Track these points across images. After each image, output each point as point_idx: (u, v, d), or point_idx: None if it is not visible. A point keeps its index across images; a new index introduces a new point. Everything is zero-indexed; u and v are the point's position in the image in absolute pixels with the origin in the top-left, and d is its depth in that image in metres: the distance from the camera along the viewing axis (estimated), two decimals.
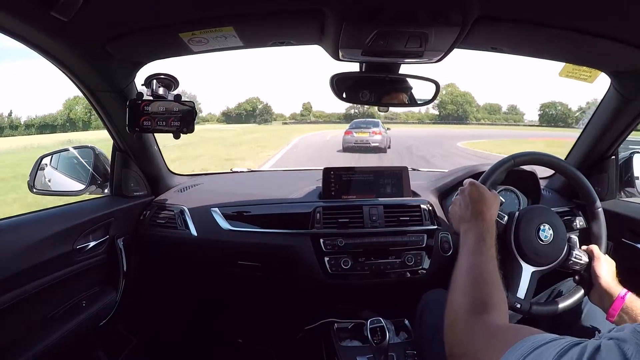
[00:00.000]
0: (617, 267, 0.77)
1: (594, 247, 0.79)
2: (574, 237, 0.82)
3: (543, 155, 0.87)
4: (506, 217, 0.81)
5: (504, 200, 0.77)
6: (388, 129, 12.07)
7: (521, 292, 0.77)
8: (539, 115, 65.52)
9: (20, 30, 0.69)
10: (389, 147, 11.95)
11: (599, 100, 1.12)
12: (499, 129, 40.10)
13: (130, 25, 0.76)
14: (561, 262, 0.79)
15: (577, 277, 0.81)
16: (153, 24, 0.76)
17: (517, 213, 0.80)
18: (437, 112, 64.21)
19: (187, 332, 1.49)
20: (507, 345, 0.36)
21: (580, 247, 0.81)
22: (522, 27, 0.76)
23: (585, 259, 0.79)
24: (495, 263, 0.58)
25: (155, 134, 1.18)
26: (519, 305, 0.75)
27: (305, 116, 65.57)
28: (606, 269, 0.74)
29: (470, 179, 0.76)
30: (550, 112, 63.27)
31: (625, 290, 0.69)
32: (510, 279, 0.78)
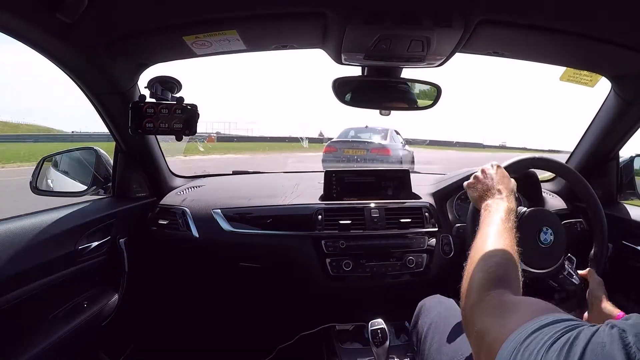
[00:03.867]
0: (617, 269, 0.77)
1: (589, 272, 0.78)
2: (573, 258, 0.83)
3: (548, 160, 0.90)
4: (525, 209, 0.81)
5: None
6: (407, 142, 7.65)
7: None
8: None
9: (25, 32, 0.70)
10: None
11: None
12: None
13: (134, 28, 0.77)
14: (554, 271, 0.79)
15: (563, 294, 0.81)
16: (157, 26, 0.76)
17: (523, 210, 0.81)
18: None
19: (188, 333, 1.49)
20: (516, 323, 0.36)
21: (575, 269, 0.81)
22: (524, 32, 0.77)
23: (577, 280, 0.79)
24: (513, 240, 0.58)
25: (157, 136, 1.18)
26: None
27: None
28: (604, 292, 0.73)
29: (495, 162, 0.77)
30: None
31: (620, 311, 0.68)
32: None
